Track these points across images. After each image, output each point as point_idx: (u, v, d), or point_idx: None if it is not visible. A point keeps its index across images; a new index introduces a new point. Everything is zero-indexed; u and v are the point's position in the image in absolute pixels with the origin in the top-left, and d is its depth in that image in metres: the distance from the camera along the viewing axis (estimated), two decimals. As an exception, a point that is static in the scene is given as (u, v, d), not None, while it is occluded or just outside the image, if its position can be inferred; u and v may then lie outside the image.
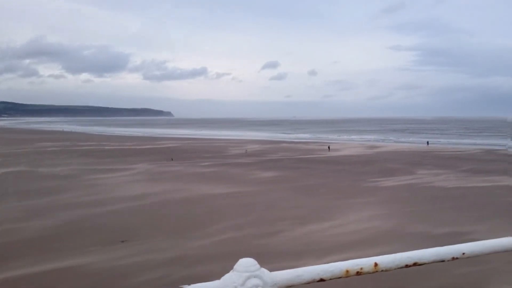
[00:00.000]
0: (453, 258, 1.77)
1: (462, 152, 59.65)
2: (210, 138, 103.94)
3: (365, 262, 1.65)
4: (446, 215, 20.96)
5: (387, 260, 1.67)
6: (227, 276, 1.39)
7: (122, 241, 16.51)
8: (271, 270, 1.57)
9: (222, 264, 14.59)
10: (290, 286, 1.47)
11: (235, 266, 1.47)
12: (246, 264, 1.48)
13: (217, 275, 1.72)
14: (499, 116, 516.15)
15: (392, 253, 1.79)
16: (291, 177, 34.34)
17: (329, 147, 64.77)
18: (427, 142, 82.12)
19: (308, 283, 1.49)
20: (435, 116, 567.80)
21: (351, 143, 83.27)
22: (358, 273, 1.64)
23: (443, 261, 1.77)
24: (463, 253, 1.78)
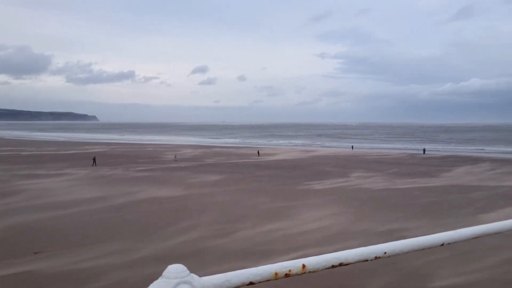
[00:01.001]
0: (376, 258, 1.84)
1: (385, 156, 62.79)
2: (139, 143, 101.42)
3: (293, 264, 1.66)
4: (383, 214, 22.15)
5: (314, 261, 1.70)
6: (155, 283, 1.36)
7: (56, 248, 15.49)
8: (233, 269, 1.60)
9: (187, 264, 15.46)
10: None
11: (164, 273, 1.41)
12: (176, 270, 1.43)
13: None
14: (417, 122, 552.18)
15: (338, 251, 1.85)
16: (232, 180, 34.76)
17: (258, 152, 65.33)
18: (352, 147, 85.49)
19: (238, 287, 1.51)
20: (359, 121, 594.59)
21: (280, 148, 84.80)
22: (286, 275, 1.65)
23: (366, 260, 1.84)
24: (385, 252, 1.86)
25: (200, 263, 14.29)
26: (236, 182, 34.02)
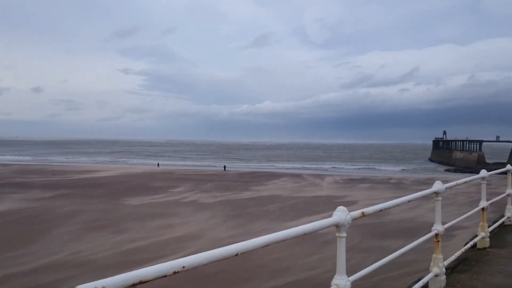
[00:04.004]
0: (175, 272, 1.91)
1: (192, 173, 64.28)
2: None
3: (91, 287, 1.64)
4: (224, 222, 24.46)
5: (112, 282, 1.69)
6: None
7: None
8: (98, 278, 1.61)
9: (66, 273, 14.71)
10: None
11: None
12: None
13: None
14: (219, 140, 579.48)
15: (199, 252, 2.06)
16: (65, 197, 33.90)
17: (53, 172, 59.58)
18: (158, 164, 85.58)
19: None
20: (165, 139, 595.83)
21: (81, 166, 79.67)
22: None
23: (165, 276, 1.89)
24: (183, 267, 1.97)
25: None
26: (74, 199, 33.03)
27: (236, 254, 2.26)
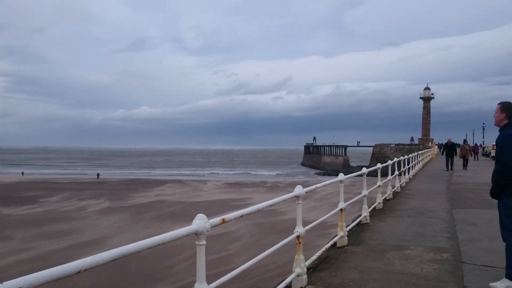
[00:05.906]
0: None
1: (68, 181, 59.66)
2: None
3: None
4: (113, 231, 24.41)
5: None
6: None
7: None
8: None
9: None
10: None
11: None
12: None
13: None
14: (92, 146, 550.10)
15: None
16: None
17: None
18: (22, 173, 78.66)
19: None
20: (31, 145, 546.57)
21: None
22: None
23: None
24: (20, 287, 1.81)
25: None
26: None
27: (79, 271, 2.06)
